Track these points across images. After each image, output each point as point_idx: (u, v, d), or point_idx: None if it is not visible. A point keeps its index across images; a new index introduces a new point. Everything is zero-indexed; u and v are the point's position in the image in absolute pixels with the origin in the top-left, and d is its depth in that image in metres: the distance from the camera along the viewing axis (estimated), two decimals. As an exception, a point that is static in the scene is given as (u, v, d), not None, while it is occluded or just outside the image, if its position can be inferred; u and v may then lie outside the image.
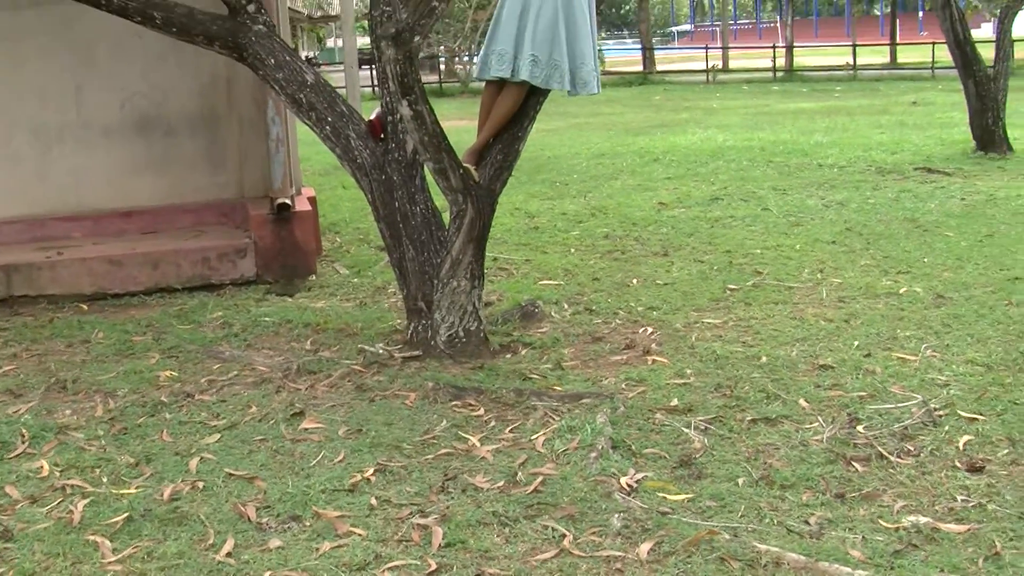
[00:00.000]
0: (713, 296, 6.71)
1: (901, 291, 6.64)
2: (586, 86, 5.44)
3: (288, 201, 7.62)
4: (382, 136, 5.65)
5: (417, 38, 4.84)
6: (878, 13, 67.58)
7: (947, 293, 6.55)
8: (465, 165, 5.26)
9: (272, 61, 5.71)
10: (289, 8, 44.50)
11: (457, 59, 40.13)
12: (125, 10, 5.62)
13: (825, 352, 5.45)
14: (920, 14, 65.25)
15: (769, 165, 12.89)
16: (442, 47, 41.84)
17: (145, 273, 7.50)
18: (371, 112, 5.77)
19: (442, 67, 40.68)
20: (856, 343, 5.59)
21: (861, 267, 7.37)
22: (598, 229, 9.15)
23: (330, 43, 65.57)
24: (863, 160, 12.97)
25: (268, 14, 6.01)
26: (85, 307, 7.20)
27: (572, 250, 8.36)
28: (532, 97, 5.50)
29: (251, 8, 5.76)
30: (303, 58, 6.34)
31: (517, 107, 5.43)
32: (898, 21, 45.64)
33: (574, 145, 16.36)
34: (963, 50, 13.16)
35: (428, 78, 40.86)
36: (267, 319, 6.54)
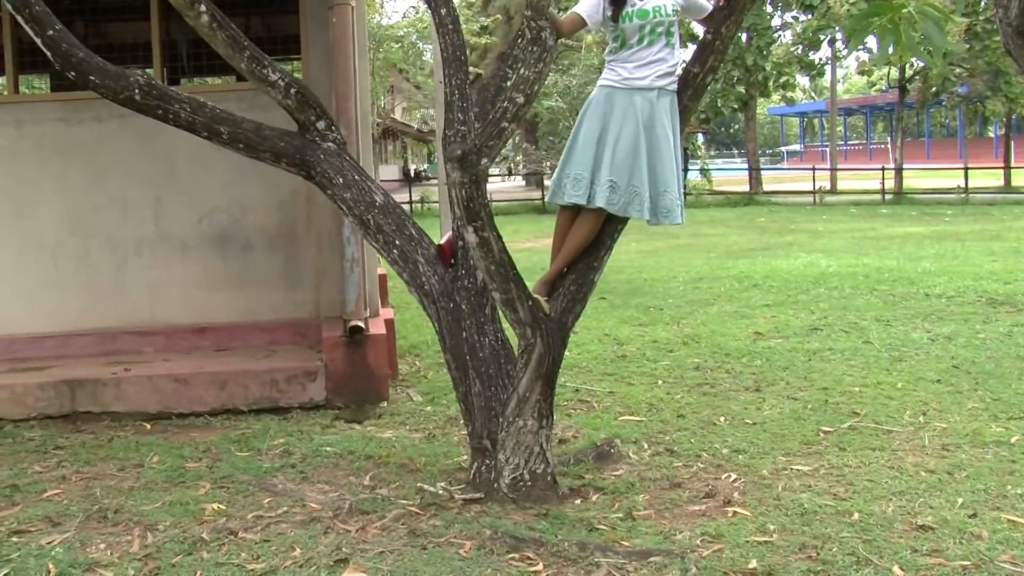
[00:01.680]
0: (805, 439, 6.26)
1: (1012, 440, 6.12)
2: (668, 215, 5.13)
3: (361, 324, 7.39)
4: (452, 262, 5.40)
5: (484, 160, 4.59)
6: (991, 135, 66.46)
7: (1065, 444, 6.02)
8: (535, 296, 4.97)
9: (340, 180, 5.52)
10: (399, 121, 45.20)
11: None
12: (192, 125, 5.50)
13: (925, 509, 4.96)
14: (1034, 137, 64.13)
15: (873, 293, 12.38)
16: (547, 163, 42.12)
17: (212, 393, 7.30)
18: (442, 236, 5.53)
19: (546, 183, 40.83)
20: (960, 500, 5.09)
21: (968, 410, 6.86)
22: (689, 359, 8.76)
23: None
24: (973, 290, 12.39)
25: (340, 131, 5.85)
26: (148, 426, 7.03)
27: (660, 382, 7.97)
28: (609, 225, 5.21)
29: (320, 125, 5.60)
30: (410, 172, 6.15)
31: (593, 235, 5.14)
32: (1012, 143, 44.74)
33: (672, 268, 16.01)
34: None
35: (532, 194, 41.14)
36: (329, 448, 6.26)
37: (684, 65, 5.34)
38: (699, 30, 5.74)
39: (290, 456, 6.15)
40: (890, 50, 3.45)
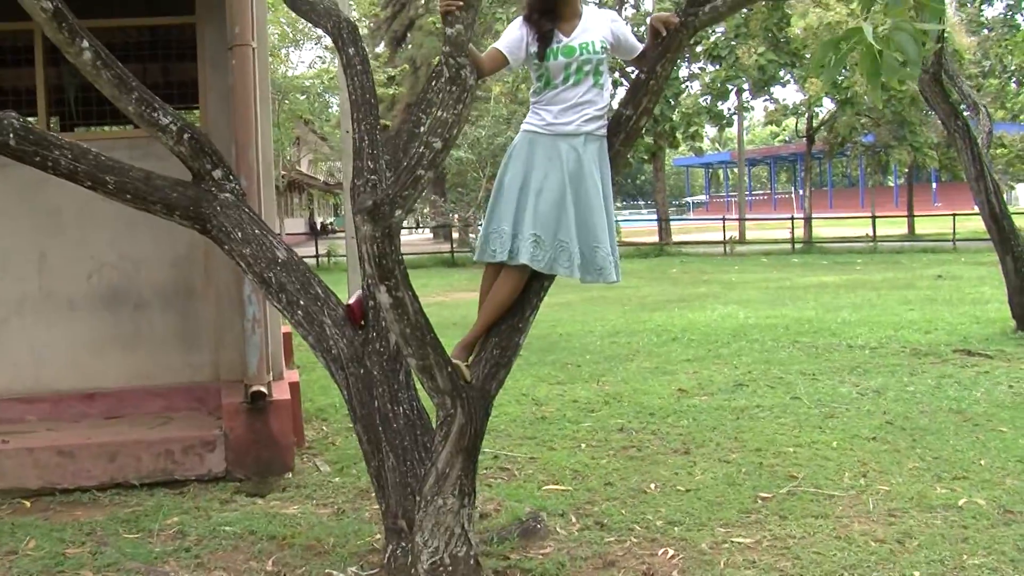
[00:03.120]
0: (743, 507, 5.87)
1: (960, 503, 5.80)
2: (601, 273, 4.71)
3: (264, 389, 6.87)
4: (362, 323, 4.94)
5: (399, 212, 4.14)
6: (891, 184, 67.87)
7: (1015, 507, 5.71)
8: (455, 362, 4.50)
9: (239, 234, 5.03)
10: (305, 173, 44.73)
11: (471, 228, 39.94)
12: (74, 174, 4.97)
13: (882, 587, 4.60)
14: (934, 185, 65.53)
15: (795, 346, 12.13)
16: (455, 215, 41.78)
17: (100, 466, 6.71)
18: (350, 295, 5.07)
19: (455, 235, 40.55)
20: (916, 574, 4.73)
21: (909, 471, 6.54)
22: (612, 420, 8.35)
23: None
24: (895, 340, 12.21)
25: (240, 181, 5.39)
26: (28, 504, 6.44)
27: (583, 445, 7.53)
28: (535, 283, 4.77)
29: (217, 174, 5.13)
30: (316, 225, 5.66)
31: (517, 294, 4.71)
32: (913, 192, 45.52)
33: (588, 321, 15.65)
34: (1000, 224, 12.52)
35: (441, 247, 40.74)
36: (228, 528, 5.71)
37: (616, 107, 4.95)
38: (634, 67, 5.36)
39: (185, 537, 5.59)
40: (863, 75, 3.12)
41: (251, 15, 6.77)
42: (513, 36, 4.72)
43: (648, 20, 4.94)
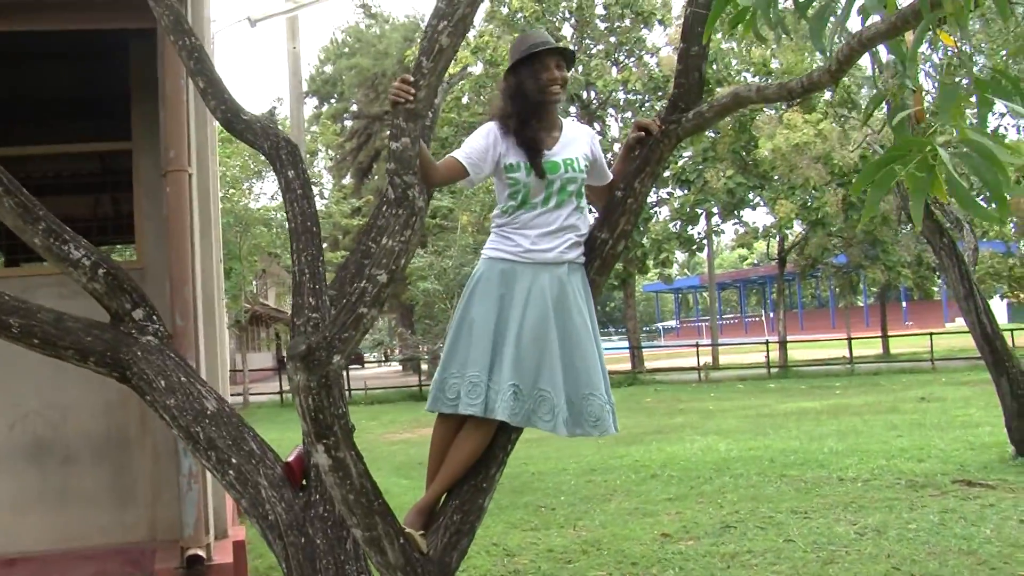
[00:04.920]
0: None
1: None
2: (598, 424, 4.07)
3: (202, 552, 6.16)
4: (303, 484, 4.29)
5: (337, 358, 3.53)
6: (861, 303, 67.95)
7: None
8: (408, 531, 3.84)
9: (162, 383, 4.43)
10: (270, 307, 44.09)
11: (439, 360, 39.27)
12: (-28, 318, 4.38)
13: None
14: (904, 304, 65.67)
15: (783, 480, 11.47)
16: (423, 347, 41.14)
17: (14, 650, 5.96)
18: (291, 451, 4.44)
19: (424, 367, 39.91)
20: None
21: (927, 627, 5.87)
22: (591, 572, 7.63)
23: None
24: (888, 471, 11.57)
25: (176, 319, 4.79)
26: None
27: (560, 603, 6.83)
28: (502, 435, 4.14)
29: (138, 315, 4.55)
30: (284, 359, 5.04)
31: (482, 451, 4.07)
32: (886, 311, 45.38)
33: (561, 458, 14.92)
34: (992, 344, 11.99)
35: (409, 380, 40.01)
36: None
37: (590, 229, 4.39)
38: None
39: None
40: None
41: (187, 139, 6.25)
42: (477, 145, 4.15)
43: (630, 129, 4.40)
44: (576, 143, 4.31)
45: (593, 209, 4.50)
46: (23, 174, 7.84)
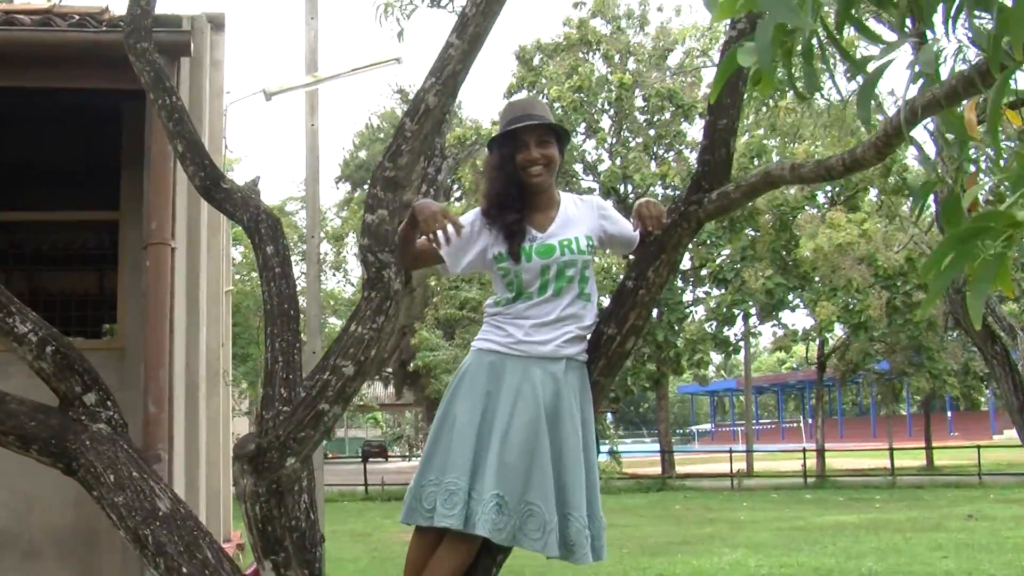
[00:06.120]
0: None
1: None
2: (572, 551, 3.61)
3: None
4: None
5: (291, 461, 3.08)
6: (903, 412, 66.84)
7: None
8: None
9: (111, 478, 3.99)
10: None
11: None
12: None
13: None
14: (949, 414, 64.56)
15: (817, 603, 10.85)
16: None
17: None
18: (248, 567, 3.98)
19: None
20: None
21: None
22: None
23: (340, 432, 64.35)
24: (933, 598, 10.93)
25: (150, 406, 4.38)
26: None
27: None
28: (486, 556, 3.64)
29: (90, 399, 4.12)
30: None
31: (462, 573, 3.59)
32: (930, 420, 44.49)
33: (577, 570, 14.24)
34: (1048, 464, 11.40)
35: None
36: None
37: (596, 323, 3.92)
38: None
39: None
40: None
41: (172, 210, 5.88)
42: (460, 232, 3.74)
43: (634, 209, 3.97)
44: (577, 221, 3.88)
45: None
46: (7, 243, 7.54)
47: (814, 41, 2.26)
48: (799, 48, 2.25)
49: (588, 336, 3.81)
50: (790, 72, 2.32)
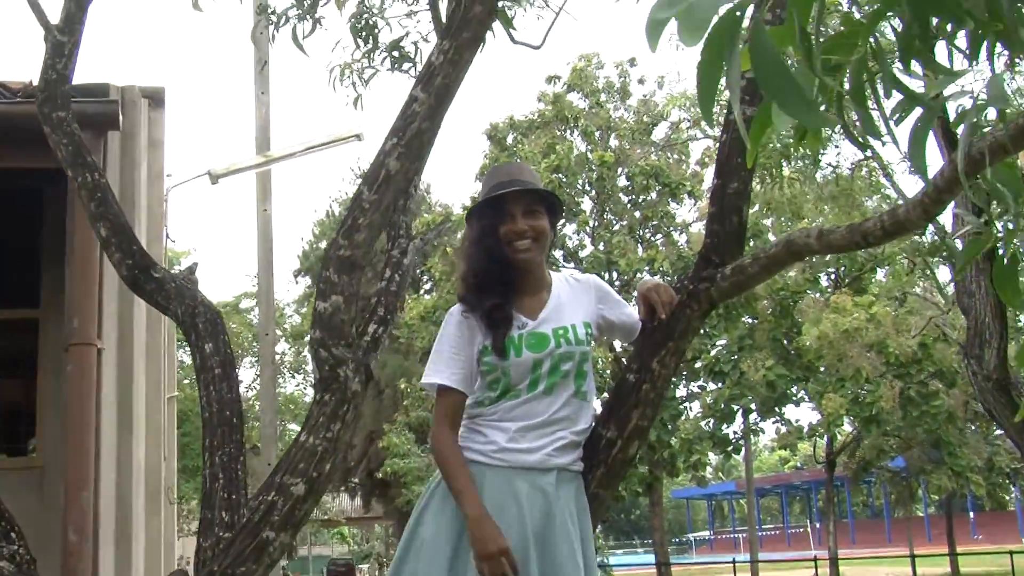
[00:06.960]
0: None
1: None
2: None
3: None
4: None
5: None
6: (921, 513, 66.30)
7: None
8: None
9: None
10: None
11: None
12: None
13: None
14: (972, 515, 64.02)
15: None
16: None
17: None
18: None
19: None
20: None
21: None
22: None
23: (303, 550, 63.40)
24: None
25: (70, 535, 4.05)
26: None
27: None
28: None
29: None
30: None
31: None
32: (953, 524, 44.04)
33: None
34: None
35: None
36: None
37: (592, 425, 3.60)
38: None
39: None
40: None
41: (98, 305, 5.57)
42: (452, 347, 3.43)
43: (639, 293, 3.68)
44: (573, 305, 3.57)
45: None
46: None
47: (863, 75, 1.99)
48: (845, 83, 1.99)
49: (583, 442, 3.49)
50: (842, 116, 2.05)
